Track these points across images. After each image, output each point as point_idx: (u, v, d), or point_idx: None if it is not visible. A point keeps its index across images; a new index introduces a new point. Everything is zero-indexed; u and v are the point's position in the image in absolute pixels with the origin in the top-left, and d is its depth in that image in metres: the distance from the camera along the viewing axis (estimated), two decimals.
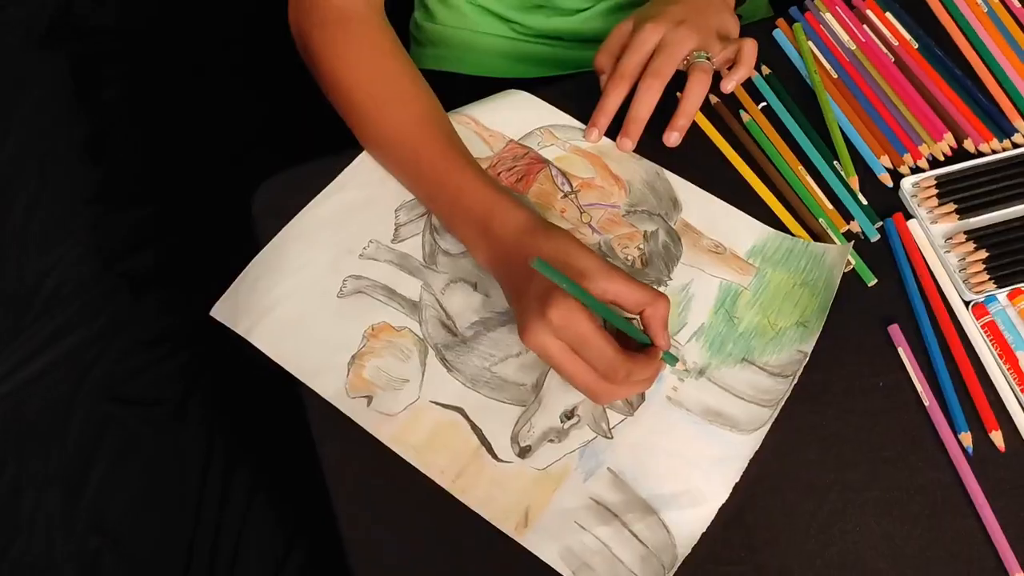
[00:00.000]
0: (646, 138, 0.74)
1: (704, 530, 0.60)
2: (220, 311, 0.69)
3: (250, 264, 0.71)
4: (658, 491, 0.61)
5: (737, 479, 0.62)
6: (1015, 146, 0.74)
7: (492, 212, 0.65)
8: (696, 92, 0.73)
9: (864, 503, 0.61)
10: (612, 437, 0.64)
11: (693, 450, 0.63)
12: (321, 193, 0.73)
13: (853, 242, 0.69)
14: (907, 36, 0.80)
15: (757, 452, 0.62)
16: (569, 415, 0.64)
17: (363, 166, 0.74)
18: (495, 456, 0.63)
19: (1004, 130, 0.74)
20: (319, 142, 0.79)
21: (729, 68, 0.77)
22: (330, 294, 0.69)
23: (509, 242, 0.63)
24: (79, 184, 1.56)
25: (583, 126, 0.76)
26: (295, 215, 0.72)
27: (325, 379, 0.66)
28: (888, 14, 0.81)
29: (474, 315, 0.68)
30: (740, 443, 0.63)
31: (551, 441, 0.63)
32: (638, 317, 0.61)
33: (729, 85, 0.76)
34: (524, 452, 0.63)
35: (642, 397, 0.65)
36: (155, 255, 1.49)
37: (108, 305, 1.45)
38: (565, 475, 0.62)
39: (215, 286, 0.72)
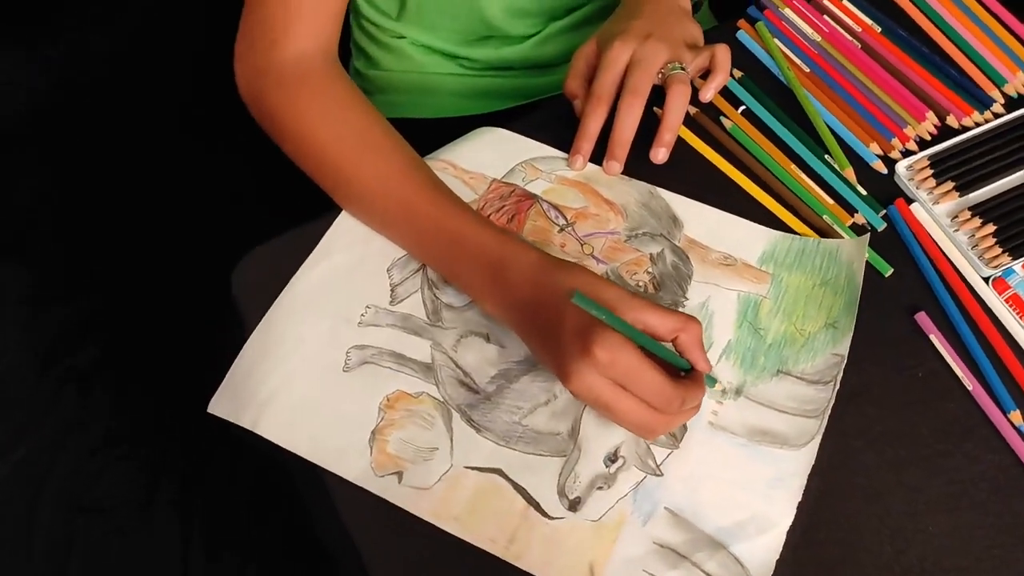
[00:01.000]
0: (631, 158, 0.72)
1: (777, 557, 0.57)
2: (218, 406, 0.64)
3: (242, 350, 0.66)
4: (721, 523, 0.58)
5: (799, 498, 0.59)
6: (996, 116, 0.74)
7: (501, 257, 0.61)
8: (678, 104, 0.71)
9: (929, 500, 0.59)
10: (662, 474, 0.60)
11: (748, 474, 0.60)
12: (305, 263, 0.69)
13: (869, 234, 0.68)
14: (868, 21, 0.79)
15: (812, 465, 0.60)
16: (613, 458, 0.61)
17: (344, 227, 0.70)
18: (545, 514, 0.59)
19: (982, 101, 0.74)
20: (283, 207, 0.74)
21: (702, 76, 0.76)
22: (335, 369, 0.64)
23: (525, 286, 0.60)
24: (3, 286, 1.46)
25: (565, 155, 0.73)
26: (280, 291, 0.67)
27: (347, 462, 0.61)
28: (845, 2, 0.80)
29: (492, 368, 0.64)
30: (794, 459, 0.60)
31: (600, 488, 0.60)
32: (671, 344, 0.58)
33: (708, 94, 0.74)
34: (574, 505, 0.59)
35: (685, 427, 0.62)
36: (96, 349, 1.41)
37: (55, 408, 1.36)
38: (622, 522, 0.59)
39: (169, 374, 0.66)
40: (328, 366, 0.65)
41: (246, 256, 0.70)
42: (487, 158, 0.73)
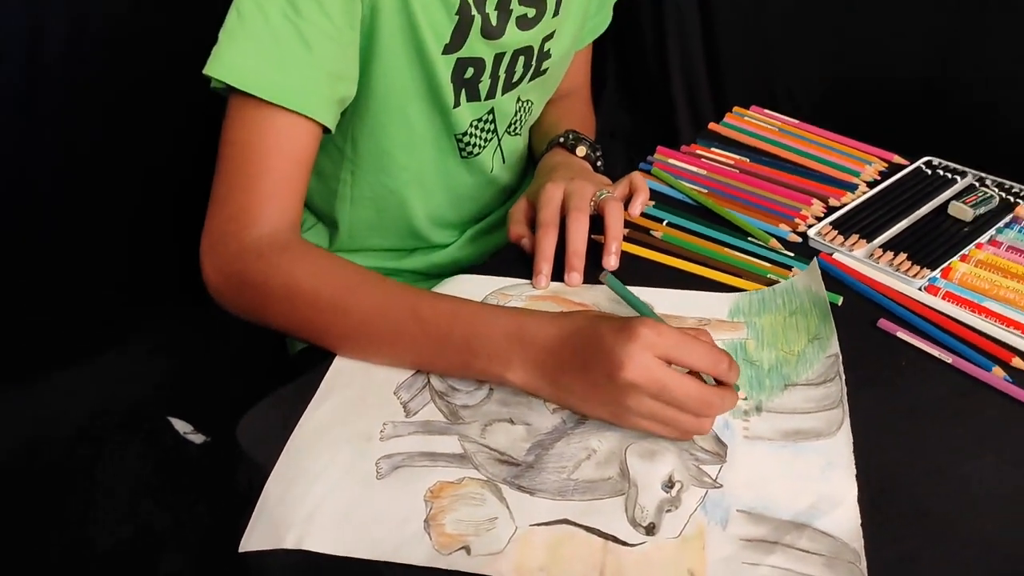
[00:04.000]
0: (587, 274, 0.79)
1: (860, 520, 0.58)
2: (252, 540, 0.59)
3: (267, 485, 0.62)
4: (796, 508, 0.59)
5: (854, 471, 0.61)
6: (864, 192, 0.88)
7: (518, 319, 0.65)
8: (616, 217, 0.80)
9: (957, 447, 0.63)
10: (721, 485, 0.61)
11: (799, 467, 0.62)
12: (309, 406, 0.68)
13: (816, 258, 0.76)
14: (736, 156, 0.95)
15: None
16: (670, 484, 0.61)
17: (341, 368, 0.71)
18: (625, 543, 0.57)
19: (848, 187, 0.89)
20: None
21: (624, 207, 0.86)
22: (369, 480, 0.62)
23: (548, 330, 0.63)
24: None
25: (528, 280, 0.79)
26: (291, 434, 0.66)
27: (409, 549, 0.57)
28: (712, 148, 0.96)
29: (525, 443, 0.64)
30: (834, 444, 0.63)
31: (669, 511, 0.59)
32: None
33: (637, 209, 0.85)
34: (650, 530, 0.58)
35: (726, 445, 0.63)
36: None
37: None
38: (703, 532, 0.58)
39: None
40: (361, 478, 0.62)
41: (245, 416, 0.69)
42: (459, 294, 0.78)
